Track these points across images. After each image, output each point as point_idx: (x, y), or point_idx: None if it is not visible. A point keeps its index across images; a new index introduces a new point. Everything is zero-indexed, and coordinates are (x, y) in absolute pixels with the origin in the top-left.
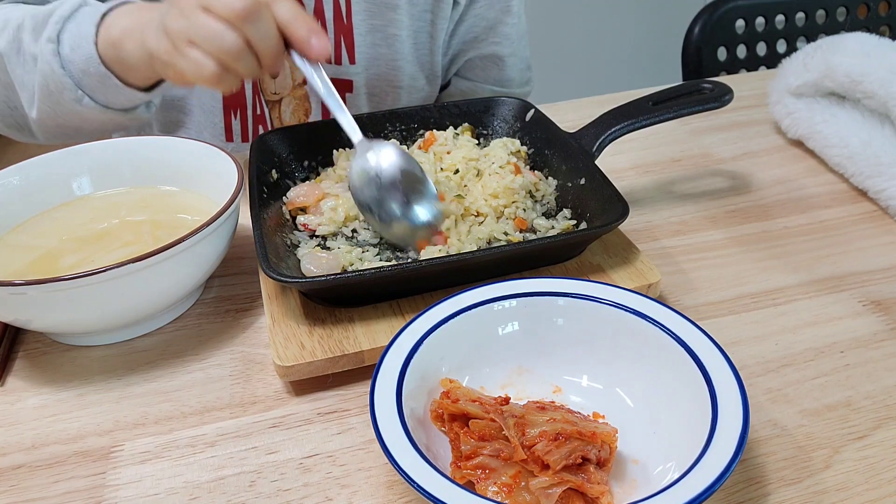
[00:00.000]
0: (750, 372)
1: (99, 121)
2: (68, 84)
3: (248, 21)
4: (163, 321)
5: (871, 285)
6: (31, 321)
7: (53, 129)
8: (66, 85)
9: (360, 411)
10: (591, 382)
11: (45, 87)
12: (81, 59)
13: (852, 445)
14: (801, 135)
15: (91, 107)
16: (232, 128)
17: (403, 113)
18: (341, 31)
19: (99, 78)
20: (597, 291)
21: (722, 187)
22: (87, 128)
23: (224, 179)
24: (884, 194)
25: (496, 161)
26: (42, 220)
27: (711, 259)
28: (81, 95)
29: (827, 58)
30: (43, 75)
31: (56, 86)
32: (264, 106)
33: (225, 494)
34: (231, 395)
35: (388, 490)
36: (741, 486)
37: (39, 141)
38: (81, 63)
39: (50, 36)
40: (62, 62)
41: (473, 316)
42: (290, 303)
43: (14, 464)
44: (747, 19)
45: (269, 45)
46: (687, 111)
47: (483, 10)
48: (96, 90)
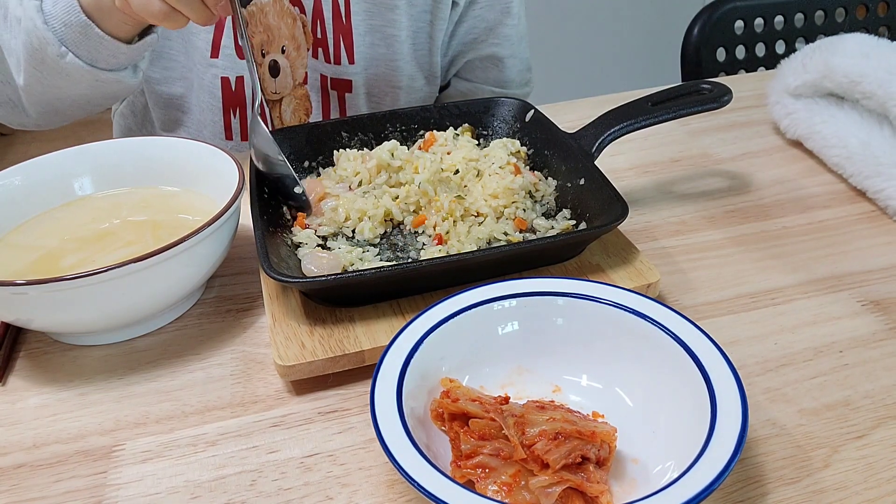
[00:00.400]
0: (749, 371)
1: (86, 83)
2: (51, 39)
3: None
4: (164, 321)
5: (869, 285)
6: (32, 321)
7: (41, 98)
8: (49, 40)
9: (360, 411)
10: (590, 382)
11: (30, 45)
12: (62, 10)
13: (851, 445)
14: (799, 135)
15: (75, 64)
16: (231, 127)
17: (403, 113)
18: (340, 31)
19: (80, 28)
20: (596, 291)
21: (721, 187)
22: (74, 93)
23: (225, 180)
24: (882, 194)
25: (496, 161)
26: (43, 221)
27: (710, 259)
28: (65, 52)
29: (826, 58)
30: (27, 32)
31: (39, 41)
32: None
33: (226, 493)
34: (232, 395)
35: (389, 489)
36: (740, 486)
37: (31, 119)
38: (62, 14)
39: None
40: (45, 17)
41: (473, 316)
42: (291, 302)
43: (15, 463)
44: (746, 20)
45: None
46: (686, 112)
47: (483, 11)
48: (79, 44)
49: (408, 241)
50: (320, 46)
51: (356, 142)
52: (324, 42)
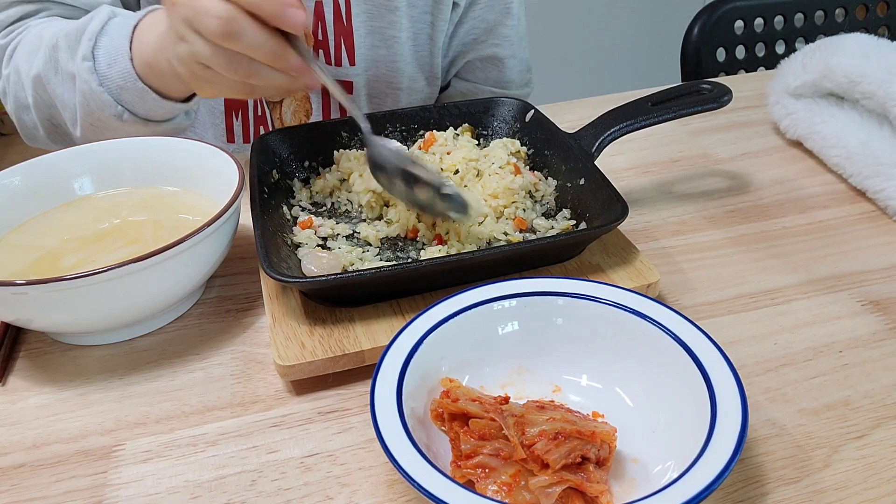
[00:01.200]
0: (749, 371)
1: (141, 133)
2: (108, 100)
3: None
4: (164, 321)
5: (869, 285)
6: (32, 321)
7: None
8: (106, 101)
9: (360, 410)
10: (590, 382)
11: (86, 105)
12: (118, 75)
13: (851, 445)
14: (799, 135)
15: (132, 121)
16: (233, 129)
17: (403, 113)
18: (341, 32)
19: (137, 93)
20: (596, 291)
21: (721, 187)
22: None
23: (225, 180)
24: (882, 194)
25: (496, 161)
26: (43, 221)
27: (710, 259)
28: (122, 111)
29: (825, 59)
30: (82, 93)
31: (96, 103)
32: (265, 107)
33: (226, 493)
34: (232, 395)
35: (389, 489)
36: (740, 486)
37: None
38: (118, 79)
39: (85, 54)
40: (99, 79)
41: (473, 316)
42: (291, 302)
43: (15, 463)
44: (746, 20)
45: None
46: (686, 112)
47: (483, 11)
48: (135, 104)
49: (408, 241)
50: (321, 48)
51: (356, 142)
52: (325, 43)
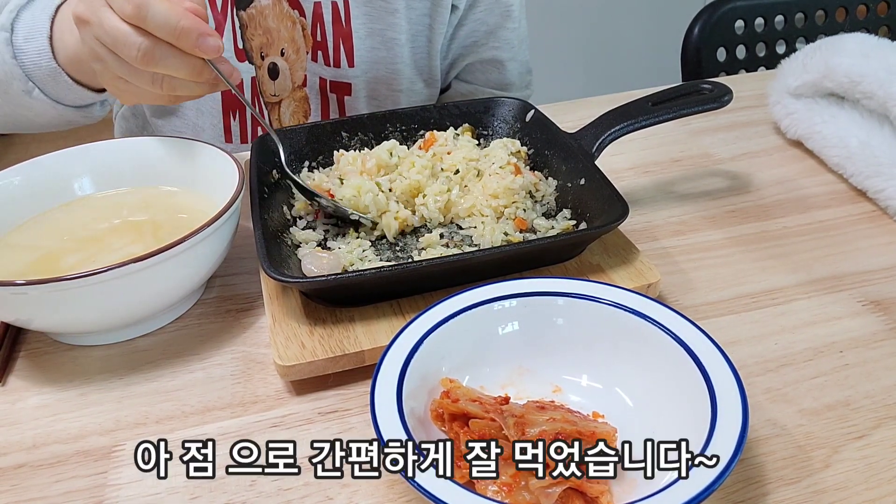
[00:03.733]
0: (749, 371)
1: (49, 115)
2: (18, 74)
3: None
4: (164, 321)
5: (870, 285)
6: (32, 321)
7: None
8: (17, 75)
9: (360, 411)
10: (590, 382)
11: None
12: (34, 50)
13: (851, 445)
14: (800, 135)
15: (41, 100)
16: (231, 129)
17: (403, 113)
18: (340, 34)
19: (50, 73)
20: (596, 291)
21: (721, 187)
22: (39, 122)
23: (225, 180)
24: (883, 194)
25: (496, 161)
26: (43, 221)
27: (711, 259)
28: (32, 87)
29: (826, 58)
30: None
31: (6, 75)
32: (264, 108)
33: (226, 493)
34: (232, 395)
35: (389, 489)
36: (740, 486)
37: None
38: (34, 55)
39: (3, 24)
40: (14, 51)
41: (473, 316)
42: (291, 303)
43: (15, 463)
44: (746, 20)
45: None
46: (686, 112)
47: (483, 14)
48: (47, 83)
49: (408, 241)
50: (320, 49)
51: (356, 142)
52: (323, 45)
